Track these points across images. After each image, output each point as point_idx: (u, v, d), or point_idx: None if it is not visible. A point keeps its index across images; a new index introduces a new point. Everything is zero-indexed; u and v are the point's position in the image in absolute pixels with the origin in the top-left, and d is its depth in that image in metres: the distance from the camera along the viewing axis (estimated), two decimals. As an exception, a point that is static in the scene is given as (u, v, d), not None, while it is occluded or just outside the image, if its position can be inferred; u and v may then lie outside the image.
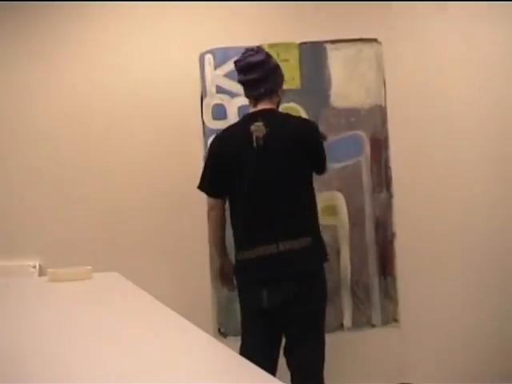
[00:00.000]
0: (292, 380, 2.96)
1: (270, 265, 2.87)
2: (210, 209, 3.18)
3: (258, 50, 3.08)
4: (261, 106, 3.03)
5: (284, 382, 0.95)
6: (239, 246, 2.99)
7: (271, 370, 2.90)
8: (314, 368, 2.98)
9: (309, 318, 2.95)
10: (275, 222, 2.88)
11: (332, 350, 3.64)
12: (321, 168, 3.06)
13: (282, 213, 2.88)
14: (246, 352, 2.90)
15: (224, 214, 3.10)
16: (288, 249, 2.84)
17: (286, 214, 2.88)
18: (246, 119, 3.06)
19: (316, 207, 3.03)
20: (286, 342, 3.00)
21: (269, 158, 2.91)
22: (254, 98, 3.05)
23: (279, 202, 2.89)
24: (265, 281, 2.88)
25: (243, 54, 3.08)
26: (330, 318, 3.63)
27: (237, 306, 3.13)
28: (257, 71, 3.01)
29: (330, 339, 3.63)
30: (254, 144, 2.92)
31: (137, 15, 3.64)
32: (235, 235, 3.03)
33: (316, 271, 2.94)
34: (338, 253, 3.66)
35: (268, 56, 3.06)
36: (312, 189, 3.01)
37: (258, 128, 2.93)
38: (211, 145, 3.16)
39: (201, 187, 3.11)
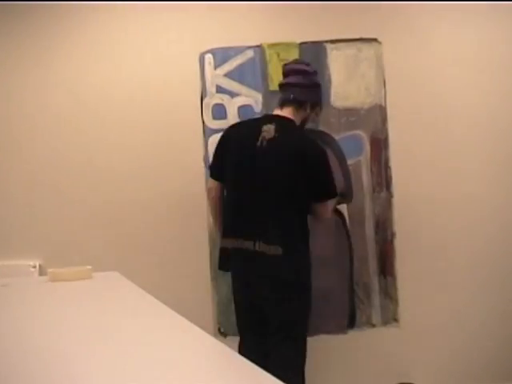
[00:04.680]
0: None
1: (247, 260, 2.97)
2: (209, 190, 3.27)
3: (308, 64, 3.24)
4: (282, 112, 3.10)
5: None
6: (223, 232, 3.12)
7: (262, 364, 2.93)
8: (284, 376, 2.94)
9: (282, 325, 2.97)
10: (256, 220, 2.97)
11: (332, 350, 3.64)
12: (318, 195, 3.02)
13: (263, 215, 2.96)
14: (242, 346, 3.06)
15: (221, 197, 3.18)
16: (262, 251, 2.91)
17: (265, 219, 2.96)
18: (263, 118, 3.20)
19: (301, 222, 3.00)
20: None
21: (264, 161, 2.98)
22: (281, 101, 3.14)
23: (263, 204, 2.97)
24: (241, 274, 3.04)
25: (294, 60, 3.30)
26: (330, 318, 3.64)
27: (237, 306, 3.16)
28: (296, 77, 3.12)
29: (330, 339, 3.63)
30: (258, 143, 2.99)
31: (137, 15, 3.64)
32: (222, 221, 3.15)
33: (285, 282, 2.94)
34: (339, 252, 3.66)
35: (314, 71, 3.19)
36: (301, 208, 2.99)
37: (268, 129, 3.01)
38: (225, 130, 3.25)
39: (210, 168, 3.26)
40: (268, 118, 3.14)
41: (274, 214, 2.95)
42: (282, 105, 3.12)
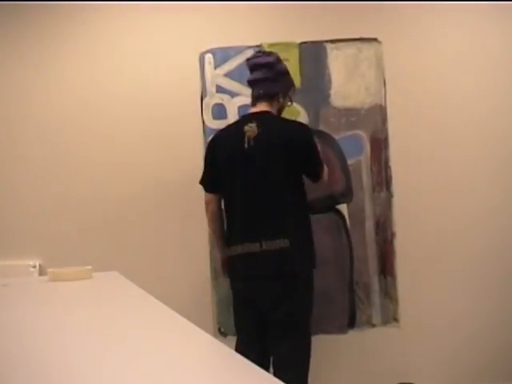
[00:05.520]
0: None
1: (253, 263, 2.94)
2: (206, 203, 3.21)
3: (270, 53, 3.18)
4: (258, 108, 3.09)
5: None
6: (228, 242, 3.09)
7: (263, 364, 2.95)
8: (294, 368, 2.96)
9: (288, 319, 2.96)
10: (260, 221, 2.95)
11: (332, 350, 3.64)
12: (314, 173, 3.07)
13: (266, 213, 2.95)
14: (239, 347, 3.02)
15: (219, 209, 3.16)
16: (268, 249, 2.90)
17: (269, 214, 2.94)
18: (242, 120, 3.14)
19: (303, 210, 3.03)
20: (268, 341, 3.02)
21: (256, 159, 2.97)
22: (254, 98, 3.11)
23: (264, 201, 2.95)
24: (248, 278, 2.99)
25: (255, 53, 3.20)
26: (330, 318, 3.64)
27: (237, 306, 3.15)
28: (261, 72, 3.08)
29: (330, 339, 3.63)
30: (246, 145, 2.98)
31: (137, 15, 3.64)
32: (226, 231, 3.12)
33: (296, 274, 2.93)
34: (338, 252, 3.66)
35: (277, 60, 3.13)
36: (301, 192, 3.03)
37: (250, 129, 2.99)
38: (208, 143, 3.26)
39: (201, 182, 3.20)
40: (247, 118, 3.09)
41: (275, 210, 2.94)
42: (255, 101, 3.10)
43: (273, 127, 3.02)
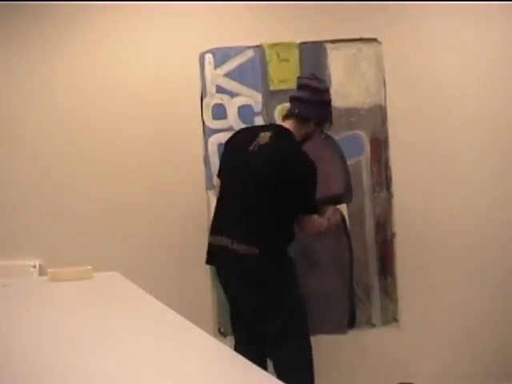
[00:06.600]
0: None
1: (227, 258, 3.01)
2: (215, 189, 3.33)
3: (322, 80, 3.27)
4: (285, 124, 3.14)
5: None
6: (210, 229, 3.17)
7: (261, 364, 2.98)
8: (294, 374, 2.96)
9: (271, 324, 2.99)
10: (237, 220, 3.00)
11: (332, 350, 3.64)
12: (297, 210, 3.01)
13: (244, 215, 2.98)
14: (237, 346, 3.09)
15: None
16: (237, 249, 2.94)
17: (246, 218, 2.98)
18: (265, 126, 3.31)
19: (279, 227, 2.99)
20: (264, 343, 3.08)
21: (252, 164, 3.01)
22: (286, 114, 3.17)
23: (245, 204, 2.99)
24: (222, 271, 3.14)
25: (308, 75, 3.30)
26: (330, 318, 3.64)
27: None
28: (305, 93, 3.13)
29: (330, 339, 3.63)
30: (251, 147, 3.03)
31: (137, 15, 3.64)
32: (212, 217, 3.19)
33: (261, 284, 2.95)
34: (338, 253, 3.66)
35: (325, 89, 3.19)
36: (282, 212, 2.98)
37: (264, 136, 3.05)
38: (233, 133, 3.33)
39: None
40: (268, 126, 3.23)
41: (252, 215, 2.98)
42: (286, 117, 3.16)
43: (281, 148, 3.03)
